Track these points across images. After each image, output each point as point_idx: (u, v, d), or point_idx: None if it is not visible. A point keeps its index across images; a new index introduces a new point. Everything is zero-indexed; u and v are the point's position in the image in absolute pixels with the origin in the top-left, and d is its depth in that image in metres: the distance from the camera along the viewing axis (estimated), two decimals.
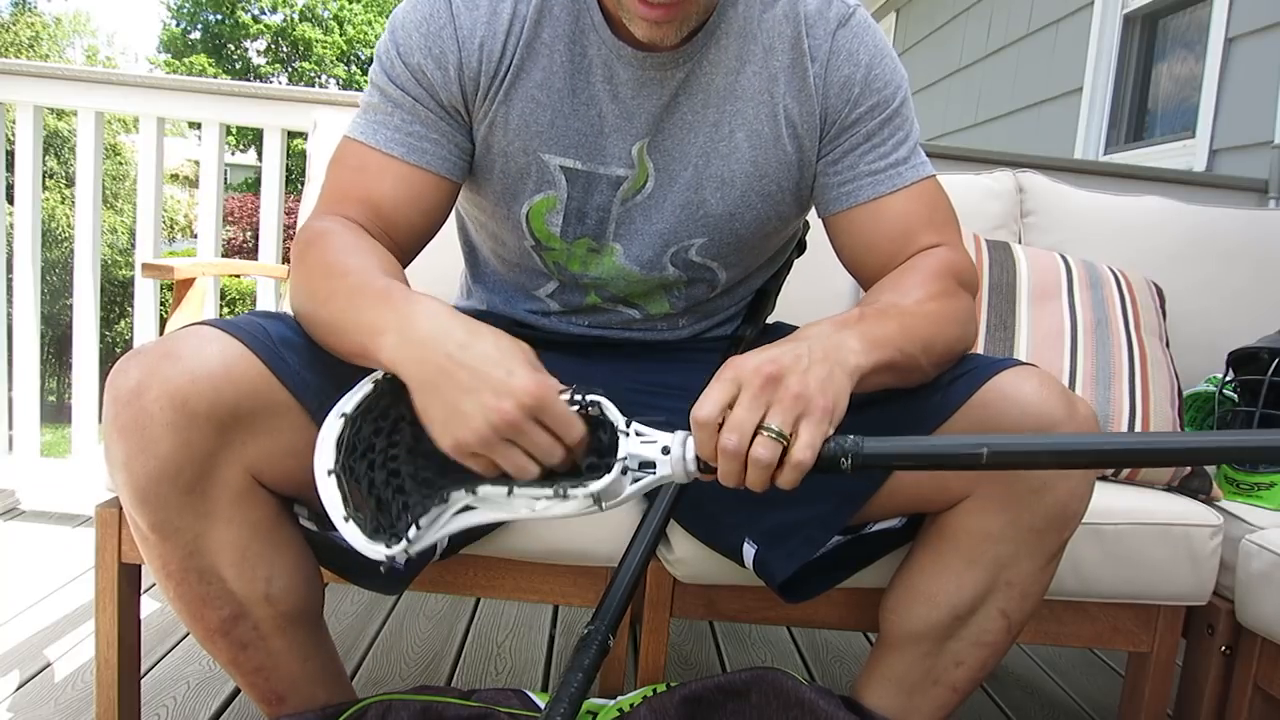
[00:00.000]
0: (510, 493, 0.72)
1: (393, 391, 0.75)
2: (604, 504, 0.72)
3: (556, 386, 0.71)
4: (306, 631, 0.87)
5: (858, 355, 0.74)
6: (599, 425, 0.73)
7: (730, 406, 0.69)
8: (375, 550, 0.70)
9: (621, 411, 0.73)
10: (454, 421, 0.69)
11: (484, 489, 0.73)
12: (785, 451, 0.68)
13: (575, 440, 0.71)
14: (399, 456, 0.75)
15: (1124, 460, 0.72)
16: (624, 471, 0.72)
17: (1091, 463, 0.75)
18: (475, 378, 0.69)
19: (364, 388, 0.74)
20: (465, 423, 0.68)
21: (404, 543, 0.71)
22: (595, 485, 0.71)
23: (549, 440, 0.70)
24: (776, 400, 0.68)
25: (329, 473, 0.70)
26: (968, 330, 0.88)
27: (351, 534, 0.70)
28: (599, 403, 0.73)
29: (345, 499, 0.70)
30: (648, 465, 0.72)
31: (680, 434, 0.73)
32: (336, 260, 0.81)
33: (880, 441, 0.70)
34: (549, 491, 0.71)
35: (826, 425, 0.69)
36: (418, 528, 0.73)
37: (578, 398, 0.72)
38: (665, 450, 0.72)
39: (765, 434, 0.68)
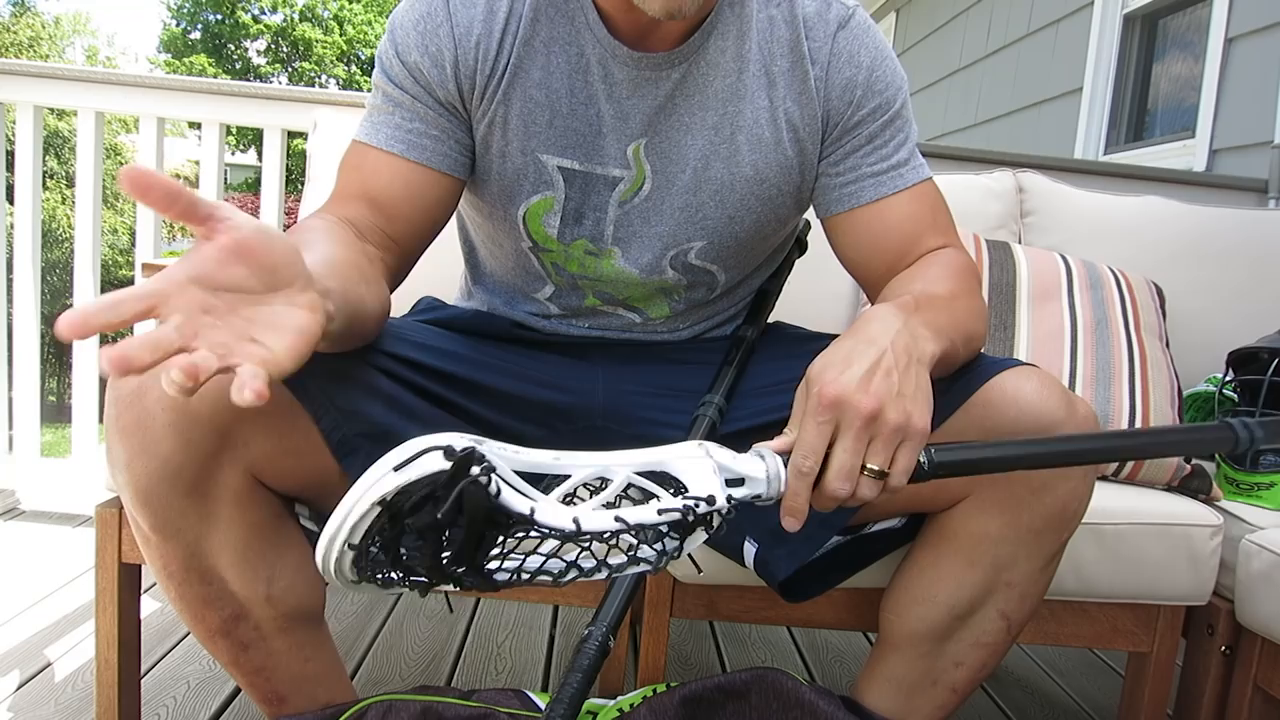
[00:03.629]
0: (608, 577, 0.65)
1: (404, 512, 0.59)
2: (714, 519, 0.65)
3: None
4: (308, 632, 0.87)
5: (930, 343, 0.73)
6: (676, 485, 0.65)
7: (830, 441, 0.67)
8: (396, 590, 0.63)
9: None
10: None
11: (574, 579, 0.64)
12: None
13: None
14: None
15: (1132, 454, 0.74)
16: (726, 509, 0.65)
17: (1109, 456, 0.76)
18: None
19: (367, 511, 0.59)
20: None
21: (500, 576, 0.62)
22: (692, 546, 0.66)
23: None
24: (878, 436, 0.66)
25: (353, 582, 0.61)
26: (985, 329, 0.89)
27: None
28: (712, 497, 0.64)
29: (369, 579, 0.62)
30: (736, 482, 0.67)
31: (773, 466, 0.67)
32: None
33: (946, 450, 0.69)
34: (645, 568, 0.64)
35: (921, 445, 0.68)
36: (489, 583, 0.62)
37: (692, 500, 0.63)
38: (757, 498, 0.67)
39: (867, 475, 0.67)
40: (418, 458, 0.58)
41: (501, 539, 0.60)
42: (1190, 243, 1.65)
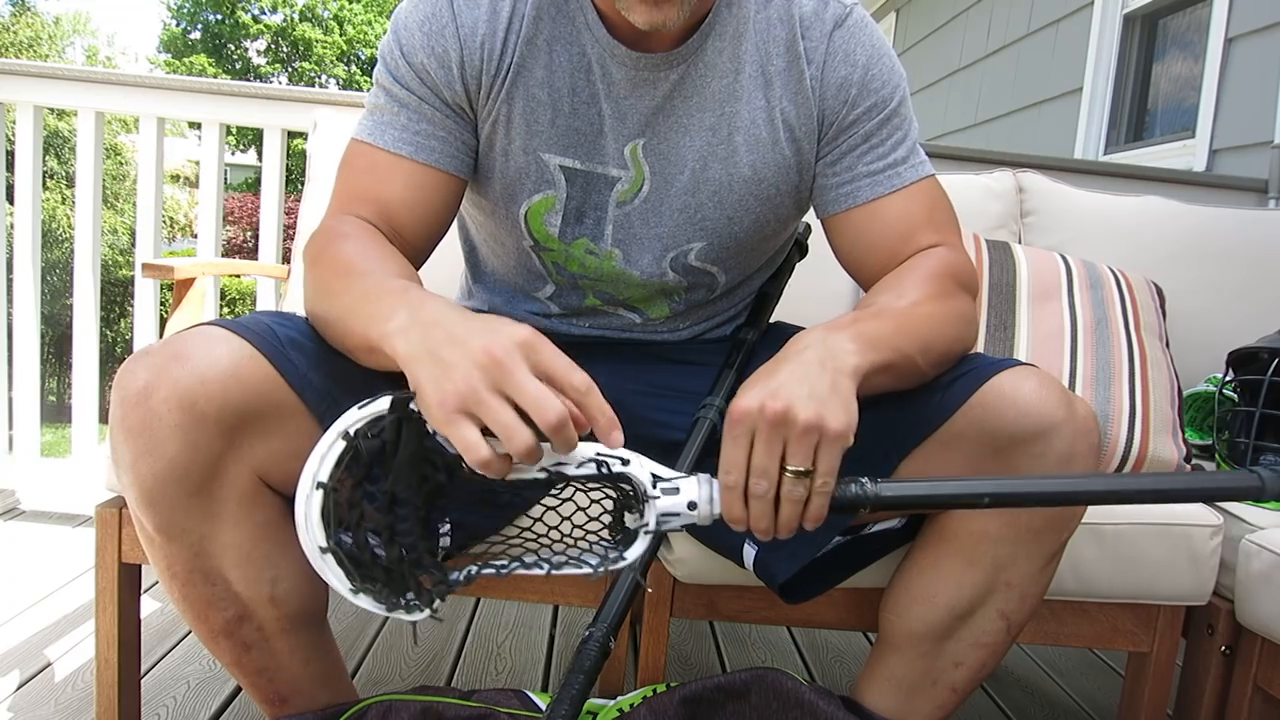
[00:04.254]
0: (547, 574, 0.70)
1: (373, 452, 0.67)
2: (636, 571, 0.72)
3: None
4: (310, 633, 0.87)
5: (854, 356, 0.73)
6: (619, 479, 0.71)
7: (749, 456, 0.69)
8: (400, 616, 0.68)
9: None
10: (440, 375, 0.63)
11: (520, 572, 0.71)
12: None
13: (580, 389, 0.65)
14: (411, 532, 0.69)
15: (1116, 499, 0.74)
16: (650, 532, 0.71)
17: (1093, 501, 0.76)
18: (468, 330, 0.66)
19: (335, 448, 0.66)
20: (449, 372, 0.63)
21: (427, 611, 0.68)
22: (633, 555, 0.70)
23: (540, 389, 0.63)
24: (791, 437, 0.68)
25: (322, 550, 0.66)
26: (967, 331, 0.88)
27: (366, 604, 0.67)
28: (626, 459, 0.70)
29: (349, 573, 0.67)
30: (671, 514, 0.71)
31: (705, 486, 0.71)
32: (354, 260, 0.81)
33: (894, 485, 0.71)
34: (588, 571, 0.70)
35: (841, 446, 0.68)
36: (442, 600, 0.70)
37: (605, 455, 0.69)
38: (691, 505, 0.70)
39: (789, 474, 0.68)
40: (375, 400, 0.67)
41: (443, 499, 0.68)
42: (1190, 243, 1.65)
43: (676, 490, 0.70)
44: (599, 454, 0.68)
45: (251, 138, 18.10)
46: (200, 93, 2.06)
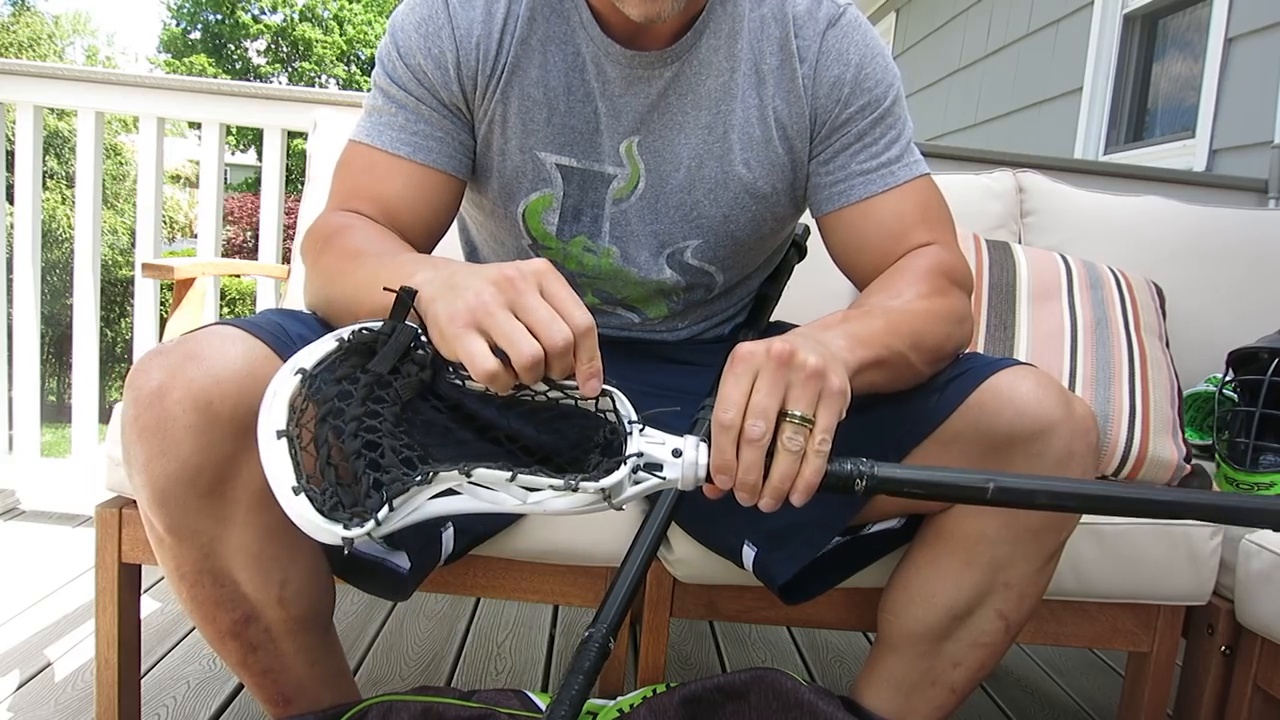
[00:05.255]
0: (512, 478, 0.65)
1: (363, 353, 0.68)
2: (612, 501, 0.66)
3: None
4: (316, 635, 0.87)
5: (845, 352, 0.73)
6: (603, 423, 0.71)
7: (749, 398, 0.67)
8: (330, 531, 0.60)
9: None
10: (454, 297, 0.64)
11: (480, 472, 0.65)
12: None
13: (581, 327, 0.64)
14: (380, 429, 0.66)
15: (1118, 509, 0.70)
16: (633, 470, 0.67)
17: (1095, 509, 0.71)
18: (487, 266, 0.67)
19: (325, 344, 0.66)
20: (463, 292, 0.64)
21: (370, 523, 0.61)
22: (607, 480, 0.65)
23: (550, 312, 0.64)
24: (795, 380, 0.66)
25: (279, 434, 0.62)
26: (960, 328, 0.88)
27: (300, 509, 0.61)
28: (611, 393, 0.69)
29: (296, 467, 0.61)
30: (654, 467, 0.69)
31: (691, 438, 0.69)
32: (363, 245, 0.82)
33: (891, 468, 0.69)
34: (557, 481, 0.65)
35: (840, 404, 0.66)
36: (390, 508, 0.62)
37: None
38: (676, 453, 0.68)
39: (790, 421, 0.65)
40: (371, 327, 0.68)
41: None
42: (1190, 242, 1.65)
43: (662, 442, 0.68)
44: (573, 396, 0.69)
45: (251, 138, 18.10)
46: (200, 93, 2.06)
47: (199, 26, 21.16)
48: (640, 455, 0.68)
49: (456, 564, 1.02)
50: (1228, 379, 1.36)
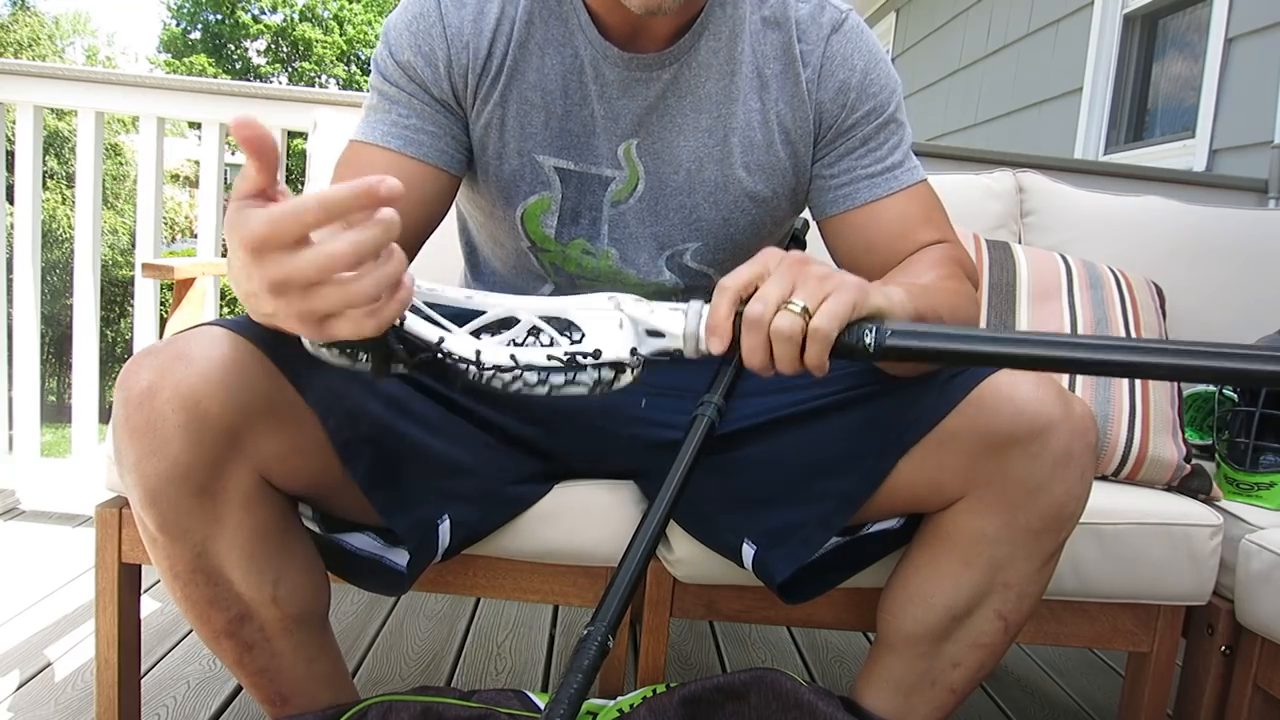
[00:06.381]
0: (514, 360, 0.68)
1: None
2: (624, 367, 0.69)
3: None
4: (312, 633, 0.87)
5: (906, 300, 0.72)
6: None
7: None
8: (360, 369, 0.64)
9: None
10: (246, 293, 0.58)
11: (490, 351, 0.67)
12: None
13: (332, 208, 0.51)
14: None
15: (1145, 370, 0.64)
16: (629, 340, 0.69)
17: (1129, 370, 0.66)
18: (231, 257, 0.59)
19: None
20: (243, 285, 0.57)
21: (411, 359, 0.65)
22: (610, 350, 0.68)
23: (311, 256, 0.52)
24: (802, 280, 0.67)
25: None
26: (977, 313, 0.90)
27: (327, 357, 0.64)
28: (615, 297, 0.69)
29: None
30: (656, 334, 0.69)
31: (696, 303, 0.70)
32: None
33: (907, 328, 0.67)
34: (557, 352, 0.68)
35: (852, 301, 0.66)
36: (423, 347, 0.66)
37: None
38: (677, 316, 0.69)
39: (787, 308, 0.66)
40: None
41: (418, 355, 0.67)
42: (1190, 242, 1.65)
43: (662, 335, 0.70)
44: (570, 350, 0.68)
45: None
46: (200, 93, 2.06)
47: (199, 26, 21.16)
48: (635, 320, 0.69)
49: (456, 564, 1.02)
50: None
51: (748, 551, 0.94)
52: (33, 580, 1.71)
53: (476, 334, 0.70)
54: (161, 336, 1.54)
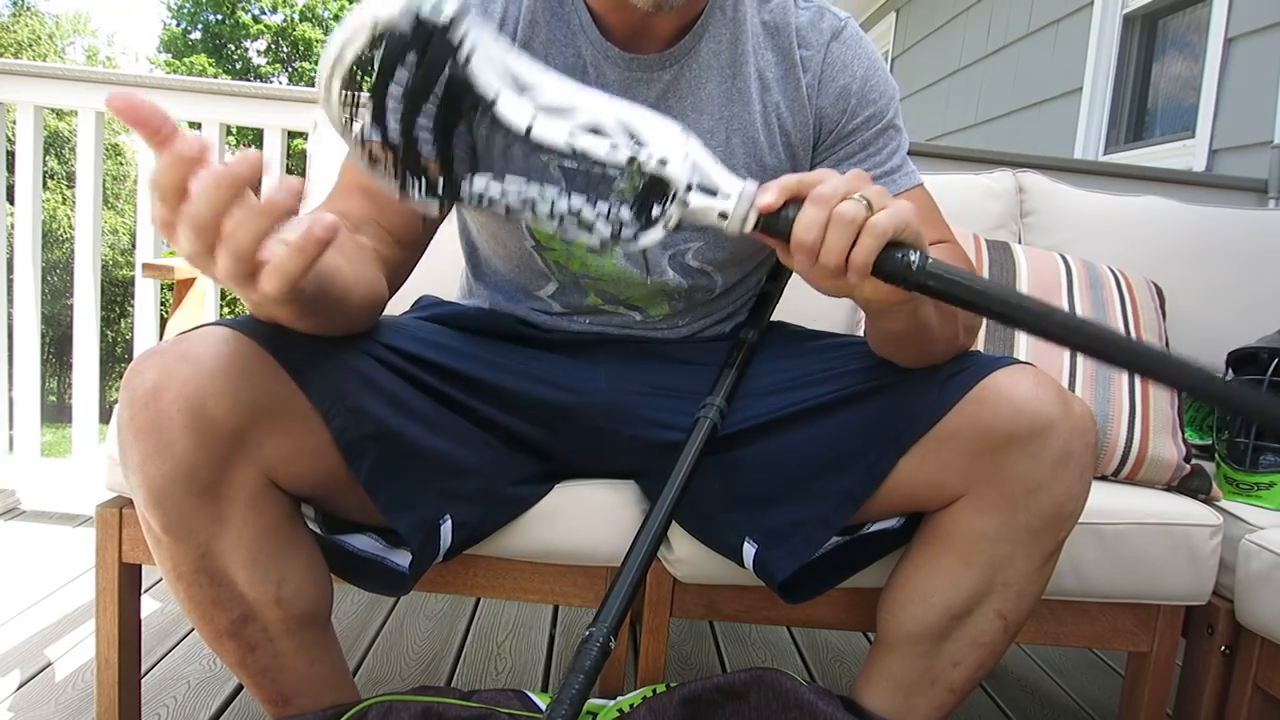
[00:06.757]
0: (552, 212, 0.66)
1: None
2: (668, 208, 0.66)
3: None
4: (314, 634, 0.87)
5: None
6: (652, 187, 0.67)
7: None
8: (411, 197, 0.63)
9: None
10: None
11: (541, 129, 0.63)
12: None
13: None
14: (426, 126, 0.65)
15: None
16: (688, 189, 0.66)
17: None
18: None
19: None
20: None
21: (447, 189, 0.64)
22: (648, 237, 0.66)
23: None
24: (866, 187, 0.67)
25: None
26: (975, 318, 0.89)
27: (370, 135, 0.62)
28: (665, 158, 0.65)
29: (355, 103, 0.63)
30: (707, 191, 0.66)
31: (750, 188, 0.67)
32: None
33: (945, 265, 0.67)
34: (620, 154, 0.64)
35: (910, 216, 0.66)
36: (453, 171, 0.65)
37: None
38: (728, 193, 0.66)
39: (851, 198, 0.65)
40: None
41: (463, 123, 0.63)
42: (1190, 242, 1.65)
43: (715, 193, 0.67)
44: (636, 148, 0.64)
45: (251, 138, 18.09)
46: (200, 93, 2.07)
47: (199, 26, 21.14)
48: (684, 199, 0.66)
49: (456, 564, 1.02)
50: (1228, 379, 1.36)
51: (748, 551, 0.94)
52: (33, 580, 1.71)
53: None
54: (162, 337, 1.54)
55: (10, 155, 2.09)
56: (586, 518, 1.02)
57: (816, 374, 0.94)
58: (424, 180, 0.66)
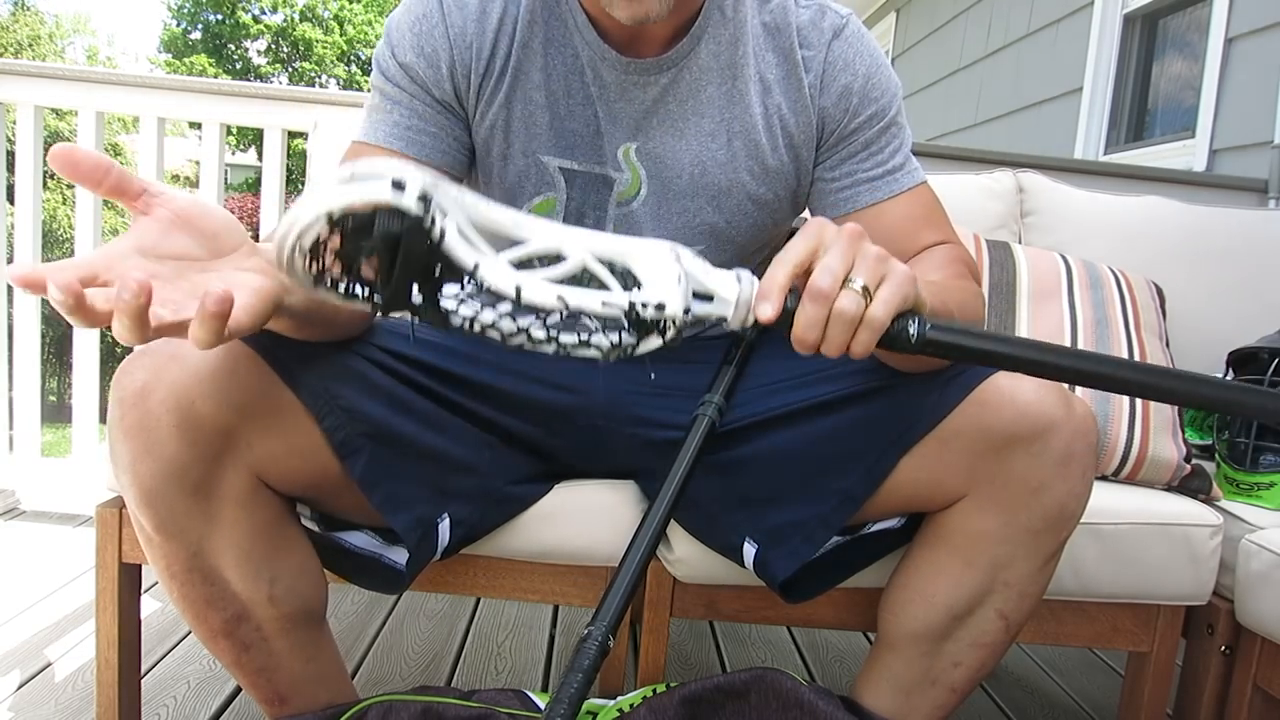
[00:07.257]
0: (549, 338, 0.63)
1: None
2: (668, 330, 0.63)
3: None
4: (309, 633, 0.87)
5: (921, 288, 0.71)
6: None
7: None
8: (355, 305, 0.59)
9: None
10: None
11: (529, 287, 0.60)
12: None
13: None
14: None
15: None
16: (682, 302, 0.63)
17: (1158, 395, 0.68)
18: None
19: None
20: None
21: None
22: (660, 294, 0.61)
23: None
24: (861, 256, 0.65)
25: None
26: (983, 311, 0.90)
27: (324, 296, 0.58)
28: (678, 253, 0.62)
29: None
30: (703, 298, 0.64)
31: (745, 271, 0.66)
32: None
33: (945, 325, 0.67)
34: (616, 303, 0.61)
35: (906, 293, 0.65)
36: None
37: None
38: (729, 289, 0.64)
39: (849, 287, 0.64)
40: (368, 181, 0.56)
41: (446, 284, 0.60)
42: (1190, 242, 1.65)
43: (711, 299, 0.65)
44: (631, 300, 0.61)
45: (251, 138, 18.08)
46: (200, 93, 2.06)
47: (199, 26, 21.14)
48: (685, 322, 0.63)
49: (456, 563, 1.02)
50: (1228, 379, 1.36)
51: (749, 550, 0.94)
52: (33, 580, 1.71)
53: (522, 266, 0.62)
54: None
55: (10, 155, 2.09)
56: (586, 517, 1.02)
57: (817, 373, 0.94)
58: (413, 320, 0.63)
